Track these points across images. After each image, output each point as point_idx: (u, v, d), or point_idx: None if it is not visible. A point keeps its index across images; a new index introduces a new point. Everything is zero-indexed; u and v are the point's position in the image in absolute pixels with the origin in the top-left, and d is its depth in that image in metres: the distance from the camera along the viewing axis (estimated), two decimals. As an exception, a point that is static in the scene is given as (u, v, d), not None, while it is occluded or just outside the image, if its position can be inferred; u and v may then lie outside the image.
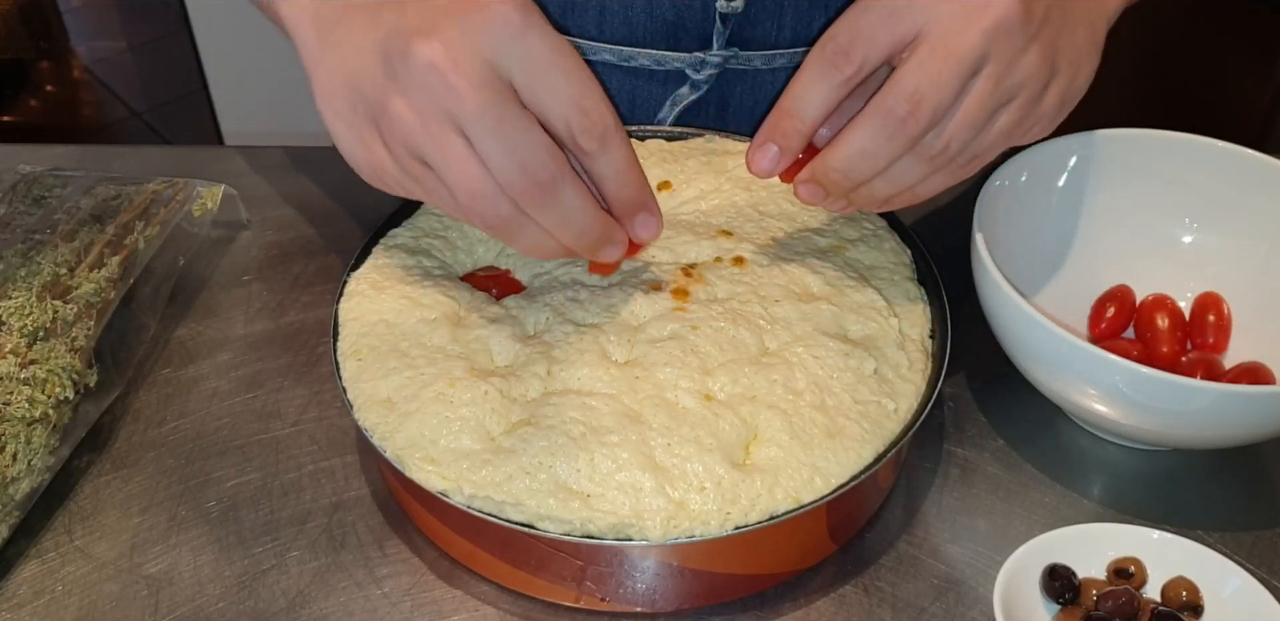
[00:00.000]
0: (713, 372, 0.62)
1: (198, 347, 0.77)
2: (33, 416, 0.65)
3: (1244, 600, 0.59)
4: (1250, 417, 0.62)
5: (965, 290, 0.69)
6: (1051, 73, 0.58)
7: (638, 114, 0.87)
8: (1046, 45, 0.57)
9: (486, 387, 0.62)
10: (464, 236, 0.72)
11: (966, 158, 0.58)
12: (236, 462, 0.70)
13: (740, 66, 0.83)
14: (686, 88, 0.84)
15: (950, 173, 0.59)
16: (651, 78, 0.84)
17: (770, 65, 0.84)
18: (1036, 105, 0.58)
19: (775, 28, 0.82)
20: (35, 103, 2.51)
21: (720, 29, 0.81)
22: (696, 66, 0.83)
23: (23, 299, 0.70)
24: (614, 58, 0.83)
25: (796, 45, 0.83)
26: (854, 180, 0.58)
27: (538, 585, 0.63)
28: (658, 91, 0.85)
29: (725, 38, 0.81)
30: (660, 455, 0.59)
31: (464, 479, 0.59)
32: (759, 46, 0.83)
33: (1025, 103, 0.58)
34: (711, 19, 0.80)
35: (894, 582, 0.64)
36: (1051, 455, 0.71)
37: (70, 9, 2.63)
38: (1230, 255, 0.75)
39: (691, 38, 0.82)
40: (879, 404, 0.62)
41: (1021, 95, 0.57)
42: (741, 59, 0.83)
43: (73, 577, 0.64)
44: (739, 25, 0.81)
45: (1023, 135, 0.60)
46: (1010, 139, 0.59)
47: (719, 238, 0.70)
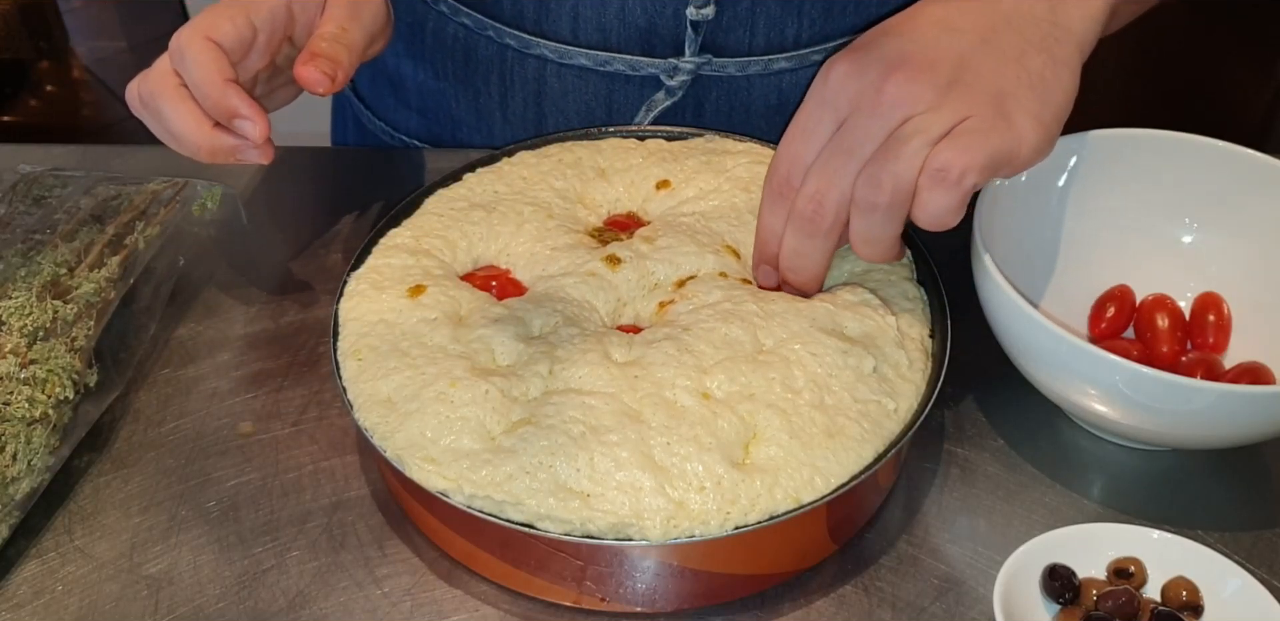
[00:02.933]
0: (709, 371, 0.62)
1: (198, 347, 0.77)
2: (33, 416, 0.65)
3: (1244, 600, 0.59)
4: (1250, 418, 0.62)
5: (965, 290, 0.69)
6: (956, 104, 0.60)
7: (615, 117, 0.87)
8: (924, 84, 0.60)
9: (487, 387, 0.62)
10: (464, 236, 0.72)
11: (873, 201, 0.61)
12: (236, 462, 0.70)
13: (714, 73, 0.84)
14: (661, 93, 0.85)
15: (884, 214, 0.61)
16: (628, 82, 0.85)
17: (745, 72, 0.84)
18: (965, 137, 0.59)
19: (748, 35, 0.82)
20: (35, 103, 2.51)
21: (692, 36, 0.81)
22: (670, 72, 0.83)
23: (23, 299, 0.70)
24: (589, 62, 0.84)
25: (770, 52, 0.83)
26: (793, 266, 0.66)
27: (537, 585, 0.63)
28: (634, 95, 0.86)
29: (698, 44, 0.81)
30: (660, 454, 0.59)
31: (464, 478, 0.59)
32: (732, 53, 0.83)
33: (927, 140, 0.59)
34: (683, 26, 0.80)
35: (894, 582, 0.64)
36: (1051, 455, 0.71)
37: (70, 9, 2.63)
38: (1230, 255, 0.75)
39: (665, 44, 0.82)
40: (879, 403, 0.62)
41: (917, 137, 0.59)
42: (715, 65, 0.83)
43: (73, 577, 0.64)
44: (711, 32, 0.81)
45: (966, 163, 0.59)
46: (945, 172, 0.59)
47: (725, 254, 0.70)
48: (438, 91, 0.91)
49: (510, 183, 0.76)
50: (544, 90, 0.87)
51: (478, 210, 0.73)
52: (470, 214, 0.73)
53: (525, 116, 0.89)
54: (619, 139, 0.79)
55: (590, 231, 0.73)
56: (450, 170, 0.77)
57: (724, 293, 0.67)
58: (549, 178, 0.76)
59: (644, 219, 0.75)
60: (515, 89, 0.87)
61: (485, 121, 0.91)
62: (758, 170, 0.75)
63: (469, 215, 0.73)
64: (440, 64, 0.89)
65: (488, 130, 0.91)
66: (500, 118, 0.90)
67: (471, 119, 0.91)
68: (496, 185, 0.75)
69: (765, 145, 0.78)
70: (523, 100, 0.88)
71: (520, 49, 0.84)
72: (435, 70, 0.90)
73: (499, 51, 0.86)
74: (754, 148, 0.78)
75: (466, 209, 0.73)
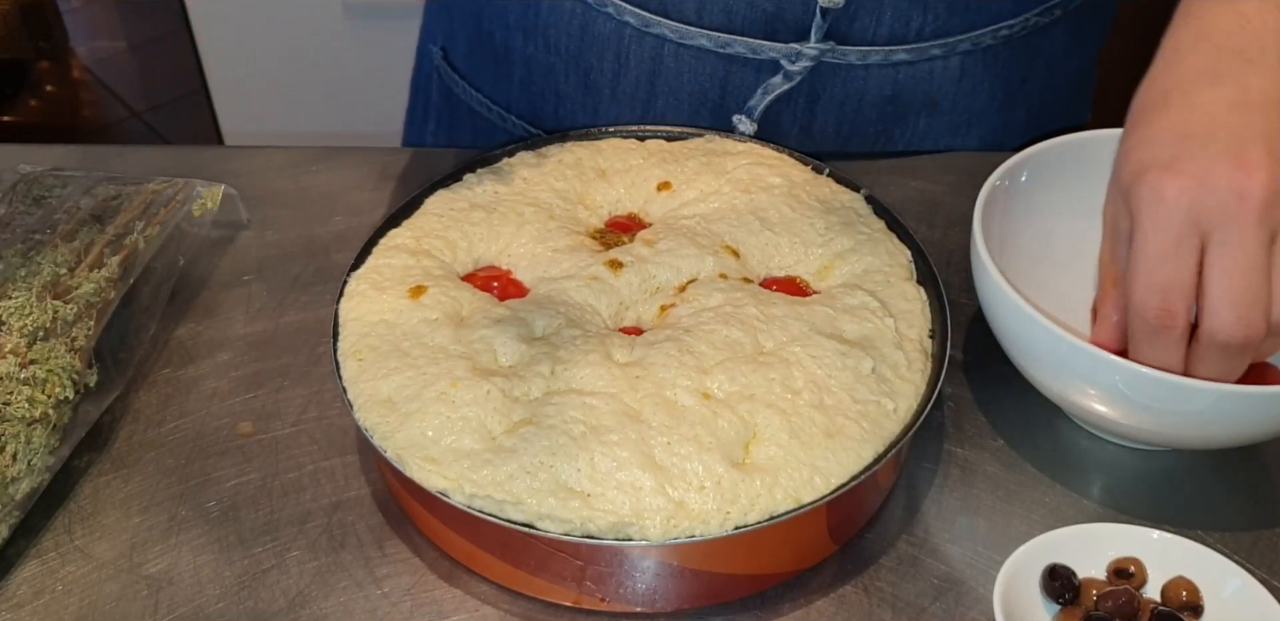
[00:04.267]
0: (710, 371, 0.62)
1: (198, 347, 0.77)
2: (33, 416, 0.65)
3: (1244, 600, 0.59)
4: (1250, 418, 0.62)
5: (965, 290, 0.69)
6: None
7: (729, 100, 0.86)
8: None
9: (489, 387, 0.62)
10: (465, 236, 0.72)
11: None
12: (236, 462, 0.70)
13: (835, 60, 0.83)
14: (779, 77, 0.84)
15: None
16: (746, 65, 0.84)
17: (865, 61, 0.84)
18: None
19: (874, 24, 0.82)
20: (35, 103, 2.51)
21: (819, 22, 0.80)
22: (792, 57, 0.82)
23: (23, 299, 0.70)
24: (710, 43, 0.83)
25: (891, 43, 0.83)
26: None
27: (537, 585, 0.63)
28: (751, 79, 0.85)
29: (823, 31, 0.81)
30: (660, 454, 0.59)
31: (465, 478, 0.59)
32: (856, 42, 0.83)
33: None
34: (812, 12, 0.80)
35: (894, 582, 0.64)
36: (1051, 455, 0.71)
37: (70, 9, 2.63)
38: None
39: (789, 29, 0.82)
40: (878, 403, 0.62)
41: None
42: (837, 53, 0.83)
43: (73, 577, 0.64)
44: (837, 19, 0.81)
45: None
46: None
47: (724, 254, 0.70)
48: (546, 65, 0.90)
49: (510, 183, 0.76)
50: (659, 70, 0.86)
51: (478, 210, 0.73)
52: (471, 214, 0.73)
53: (636, 95, 0.88)
54: (619, 139, 0.79)
55: (591, 233, 0.73)
56: (450, 170, 0.77)
57: (725, 296, 0.67)
58: (549, 178, 0.76)
59: (645, 220, 0.75)
60: (630, 67, 0.86)
61: (593, 98, 0.89)
62: (758, 172, 0.75)
63: (469, 215, 0.73)
64: (554, 38, 0.88)
65: (593, 108, 0.90)
66: (609, 95, 0.89)
67: (579, 95, 0.90)
68: (497, 185, 0.75)
69: (765, 146, 0.78)
70: (635, 79, 0.87)
71: (640, 27, 0.84)
72: (547, 44, 0.88)
73: (617, 29, 0.85)
74: (754, 148, 0.78)
75: (467, 209, 0.74)
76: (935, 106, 0.87)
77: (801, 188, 0.75)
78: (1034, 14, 0.85)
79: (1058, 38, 0.88)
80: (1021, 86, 0.89)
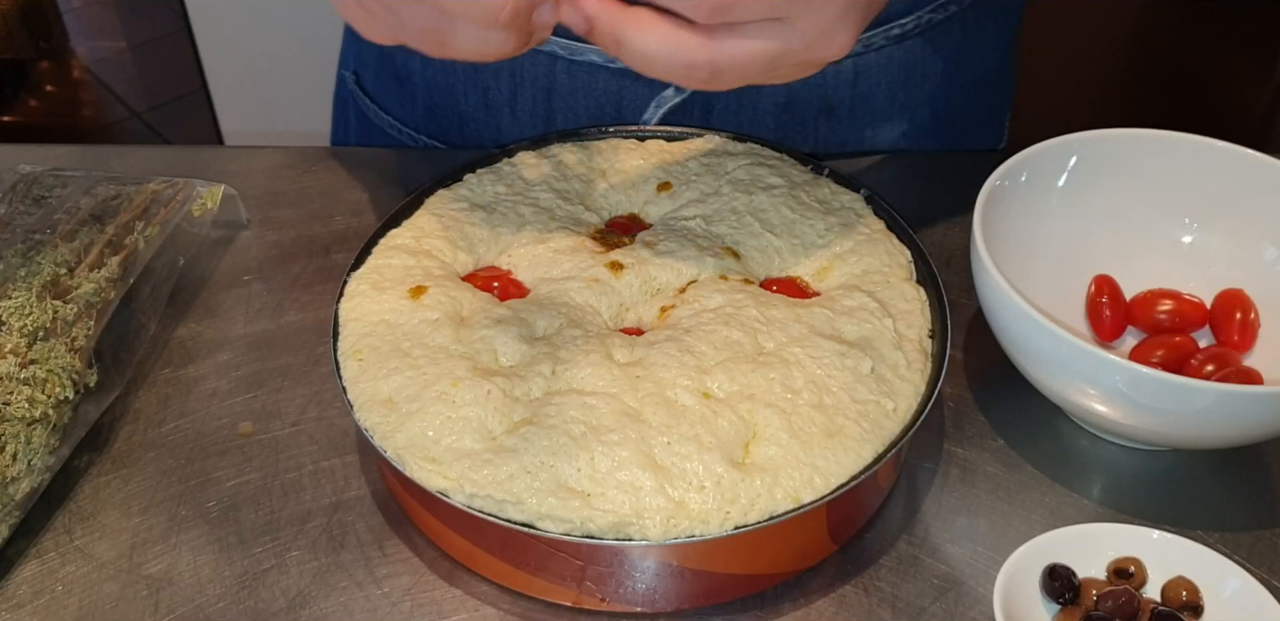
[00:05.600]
0: (710, 371, 0.62)
1: (198, 347, 0.77)
2: (33, 416, 0.65)
3: (1244, 600, 0.59)
4: (1250, 418, 0.62)
5: (965, 290, 0.69)
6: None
7: (624, 114, 0.87)
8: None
9: (489, 387, 0.62)
10: (465, 237, 0.72)
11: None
12: (236, 462, 0.70)
13: None
14: (670, 90, 0.85)
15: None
16: (638, 79, 0.85)
17: None
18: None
19: None
20: (35, 103, 2.52)
21: None
22: None
23: (23, 299, 0.70)
24: (600, 59, 0.84)
25: None
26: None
27: (537, 585, 0.63)
28: (644, 92, 0.86)
29: None
30: (660, 454, 0.59)
31: (465, 478, 0.59)
32: None
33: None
34: None
35: (894, 582, 0.64)
36: (1051, 455, 0.71)
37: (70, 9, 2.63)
38: (1230, 255, 0.75)
39: None
40: (878, 403, 0.62)
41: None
42: None
43: (73, 577, 0.64)
44: None
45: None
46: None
47: (725, 256, 0.70)
48: (447, 87, 0.91)
49: (511, 183, 0.76)
50: (554, 87, 0.87)
51: (478, 211, 0.73)
52: (471, 214, 0.73)
53: (534, 113, 0.89)
54: (619, 139, 0.79)
55: (592, 233, 0.73)
56: (450, 170, 0.77)
57: (725, 297, 0.67)
58: (549, 178, 0.76)
59: (645, 221, 0.75)
60: (525, 85, 0.87)
61: (494, 118, 0.91)
62: (757, 172, 0.75)
63: (470, 216, 0.73)
64: (450, 60, 0.89)
65: (496, 126, 0.91)
66: (509, 114, 0.90)
67: (480, 115, 0.91)
68: (497, 186, 0.75)
69: (765, 147, 0.78)
70: (532, 97, 0.88)
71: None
72: (445, 65, 0.90)
73: None
74: (754, 149, 0.78)
75: (467, 210, 0.74)
76: (832, 111, 0.87)
77: (801, 188, 0.75)
78: (927, 11, 0.84)
79: (957, 34, 0.88)
80: (923, 85, 0.89)
